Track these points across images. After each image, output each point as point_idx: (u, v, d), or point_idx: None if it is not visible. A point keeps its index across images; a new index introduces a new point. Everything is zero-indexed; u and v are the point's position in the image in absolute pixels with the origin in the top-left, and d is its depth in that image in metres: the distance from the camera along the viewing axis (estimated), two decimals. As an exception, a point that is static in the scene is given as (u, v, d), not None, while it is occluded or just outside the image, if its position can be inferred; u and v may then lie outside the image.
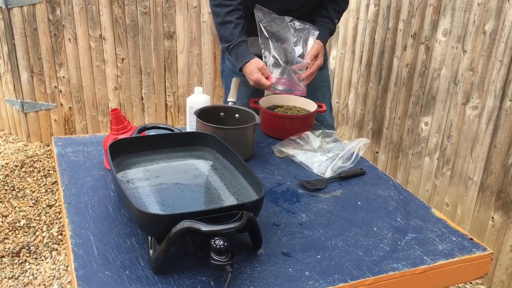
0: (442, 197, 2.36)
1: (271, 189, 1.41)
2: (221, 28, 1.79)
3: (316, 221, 1.26)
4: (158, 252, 1.00)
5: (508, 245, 2.02)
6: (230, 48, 1.79)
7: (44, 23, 3.18)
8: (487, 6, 2.01)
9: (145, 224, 1.02)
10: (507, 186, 1.99)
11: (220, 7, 1.77)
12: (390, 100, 2.65)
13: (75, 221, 1.18)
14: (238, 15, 1.78)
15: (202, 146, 1.38)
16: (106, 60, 3.36)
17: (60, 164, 1.46)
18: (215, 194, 1.20)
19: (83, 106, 3.44)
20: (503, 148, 1.99)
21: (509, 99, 1.95)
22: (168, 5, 3.32)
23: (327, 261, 1.10)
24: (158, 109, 3.58)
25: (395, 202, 1.37)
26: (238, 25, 1.77)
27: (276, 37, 1.81)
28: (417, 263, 1.12)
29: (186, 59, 3.49)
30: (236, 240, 1.13)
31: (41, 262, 2.30)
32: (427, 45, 2.34)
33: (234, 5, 1.77)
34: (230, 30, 1.77)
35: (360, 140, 1.64)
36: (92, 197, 1.29)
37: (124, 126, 1.42)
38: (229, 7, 1.77)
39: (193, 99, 1.67)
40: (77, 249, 1.08)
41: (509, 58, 1.93)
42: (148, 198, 1.15)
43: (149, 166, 1.30)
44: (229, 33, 1.78)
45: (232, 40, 1.77)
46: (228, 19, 1.77)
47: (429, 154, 2.41)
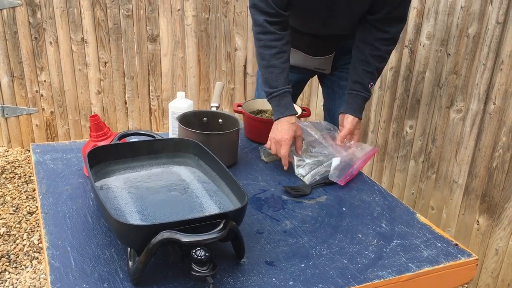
0: (427, 201, 2.36)
1: (255, 195, 1.39)
2: (266, 72, 1.62)
3: (301, 228, 1.24)
4: (138, 264, 0.97)
5: (493, 249, 2.02)
6: (274, 95, 1.61)
7: (24, 26, 3.12)
8: (470, 9, 2.01)
9: (123, 234, 0.99)
10: (492, 190, 2.00)
11: (266, 49, 1.61)
12: (375, 103, 2.64)
13: (52, 232, 1.15)
14: (284, 58, 1.61)
15: (184, 152, 1.35)
16: (89, 64, 3.31)
17: (38, 172, 1.42)
18: (197, 202, 1.17)
19: (65, 111, 3.38)
20: (487, 151, 2.00)
21: (492, 102, 1.95)
22: (152, 8, 3.28)
23: (312, 270, 1.08)
24: (142, 113, 3.53)
25: (380, 207, 1.36)
26: (283, 71, 1.61)
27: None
28: (402, 270, 1.10)
29: (170, 63, 3.45)
30: (218, 249, 1.11)
31: (21, 271, 2.24)
32: (411, 48, 2.34)
33: (279, 47, 1.60)
34: (275, 76, 1.60)
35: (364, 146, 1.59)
36: (71, 206, 1.26)
37: (104, 132, 1.39)
38: (274, 49, 1.60)
39: (176, 104, 1.64)
40: (54, 262, 1.05)
41: (493, 61, 1.94)
42: (128, 207, 1.12)
43: (130, 173, 1.27)
44: (274, 78, 1.60)
45: (277, 88, 1.60)
46: (273, 63, 1.60)
47: (414, 158, 2.41)
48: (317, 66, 1.89)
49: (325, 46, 1.83)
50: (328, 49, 1.84)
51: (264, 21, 1.59)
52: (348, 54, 1.82)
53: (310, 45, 1.81)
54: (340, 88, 1.92)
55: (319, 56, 1.86)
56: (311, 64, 1.89)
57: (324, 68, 1.90)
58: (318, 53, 1.85)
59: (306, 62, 1.89)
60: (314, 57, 1.85)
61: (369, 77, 1.66)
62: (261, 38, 1.60)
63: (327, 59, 1.87)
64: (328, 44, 1.84)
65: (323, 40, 1.82)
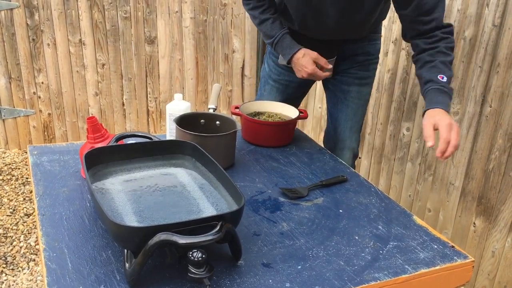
0: (424, 203, 2.37)
1: (252, 197, 1.39)
2: (262, 27, 1.82)
3: (297, 230, 1.24)
4: (134, 266, 0.97)
5: (490, 251, 2.03)
6: (275, 43, 1.78)
7: (22, 28, 3.12)
8: (467, 12, 2.02)
9: (120, 236, 0.99)
10: (488, 192, 2.00)
11: (254, 10, 1.81)
12: (372, 105, 2.65)
13: (49, 234, 1.15)
14: (273, 11, 1.80)
15: (181, 154, 1.35)
16: (86, 66, 3.31)
17: (35, 174, 1.42)
18: (194, 204, 1.17)
19: (62, 112, 3.38)
20: (483, 153, 2.01)
21: (489, 105, 1.96)
22: (149, 10, 3.29)
23: (308, 272, 1.08)
24: (139, 115, 3.53)
25: (376, 209, 1.36)
26: (275, 20, 1.79)
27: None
28: (398, 272, 1.10)
29: (168, 64, 3.46)
30: (215, 251, 1.11)
31: (18, 273, 2.24)
32: (408, 51, 2.35)
33: (266, 4, 1.80)
34: (269, 26, 1.79)
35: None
36: (68, 208, 1.26)
37: (101, 134, 1.39)
38: (262, 7, 1.80)
39: (173, 106, 1.65)
40: (51, 263, 1.05)
41: (489, 64, 1.94)
42: (125, 209, 1.12)
43: (127, 175, 1.27)
44: (269, 28, 1.79)
45: (275, 35, 1.77)
46: (264, 17, 1.79)
47: (411, 160, 2.42)
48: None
49: (327, 50, 1.84)
50: (330, 53, 1.85)
51: None
52: (348, 59, 1.84)
53: (313, 48, 1.82)
54: (342, 93, 1.93)
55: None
56: None
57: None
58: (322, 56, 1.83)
59: None
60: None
61: (435, 71, 1.52)
62: (249, 2, 1.82)
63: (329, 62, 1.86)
64: (330, 48, 1.85)
65: (325, 43, 1.83)
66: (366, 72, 1.92)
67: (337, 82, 1.93)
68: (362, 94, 1.94)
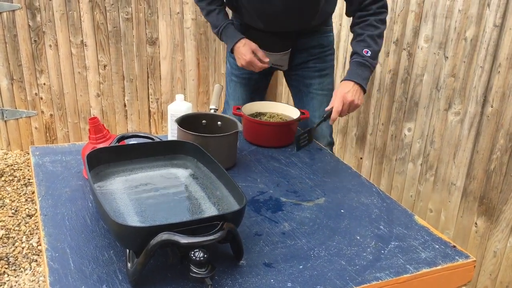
0: (426, 203, 2.37)
1: (254, 197, 1.39)
2: (208, 17, 1.92)
3: (299, 230, 1.24)
4: (136, 265, 0.98)
5: (492, 251, 2.03)
6: (220, 32, 1.89)
7: (24, 29, 3.13)
8: (468, 12, 2.02)
9: (122, 236, 0.99)
10: (490, 192, 2.00)
11: (201, 2, 1.91)
12: (374, 106, 2.65)
13: (52, 234, 1.15)
14: (219, 2, 1.90)
15: (183, 154, 1.36)
16: (88, 67, 3.31)
17: (37, 175, 1.42)
18: (196, 204, 1.18)
19: (64, 114, 3.39)
20: (485, 153, 2.00)
21: (490, 105, 1.96)
22: (151, 11, 3.29)
23: (310, 272, 1.08)
24: (141, 116, 3.54)
25: (378, 209, 1.37)
26: (221, 11, 1.89)
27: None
28: (400, 272, 1.11)
29: (169, 66, 3.46)
30: (217, 251, 1.11)
31: (20, 274, 2.24)
32: (409, 51, 2.35)
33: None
34: (215, 17, 1.89)
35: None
36: (70, 208, 1.26)
37: (103, 135, 1.39)
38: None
39: (175, 107, 1.65)
40: (53, 263, 1.05)
41: (490, 64, 1.94)
42: (127, 209, 1.13)
43: (128, 175, 1.27)
44: (215, 19, 1.89)
45: (220, 25, 1.88)
46: (210, 8, 1.89)
47: (413, 160, 2.42)
48: (274, 62, 1.96)
49: (281, 43, 1.91)
50: (283, 46, 1.92)
51: None
52: (304, 52, 1.92)
53: (266, 41, 1.90)
54: (305, 86, 2.00)
55: (275, 52, 1.93)
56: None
57: (281, 65, 1.97)
58: (274, 49, 1.92)
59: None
60: (270, 53, 1.92)
61: (361, 45, 1.70)
62: None
63: (283, 56, 1.94)
64: (283, 41, 1.91)
65: (278, 36, 1.89)
66: (324, 63, 1.99)
67: (299, 78, 2.00)
68: (324, 84, 2.02)
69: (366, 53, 1.69)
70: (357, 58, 1.70)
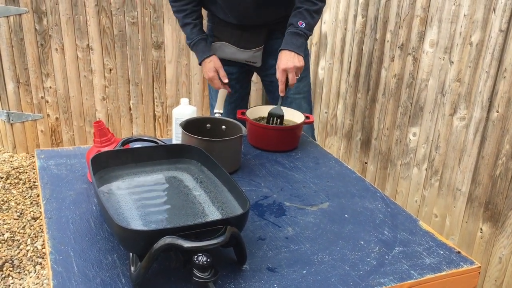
0: (430, 208, 2.35)
1: (257, 202, 1.39)
2: (183, 29, 2.02)
3: (303, 235, 1.24)
4: (140, 269, 0.98)
5: (497, 257, 2.02)
6: (192, 45, 2.00)
7: (30, 33, 3.15)
8: (473, 17, 2.02)
9: (126, 240, 0.99)
10: (495, 197, 1.99)
11: (178, 13, 2.00)
12: (378, 110, 2.64)
13: (56, 237, 1.15)
14: (195, 16, 1.99)
15: (187, 158, 1.36)
16: (94, 70, 3.33)
17: (42, 178, 1.43)
18: (200, 208, 1.18)
19: (70, 117, 3.40)
20: (490, 159, 1.99)
21: (496, 110, 1.95)
22: (156, 16, 3.31)
23: (313, 277, 1.08)
24: (146, 119, 3.55)
25: (382, 214, 1.36)
26: (196, 25, 1.98)
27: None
28: (404, 277, 1.10)
29: (175, 69, 3.47)
30: (220, 255, 1.11)
31: (24, 277, 2.25)
32: (415, 56, 2.35)
33: (190, 9, 1.97)
34: (190, 30, 1.99)
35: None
36: (74, 211, 1.26)
37: (107, 138, 1.40)
38: (185, 12, 1.97)
39: (179, 111, 1.65)
40: (57, 266, 1.05)
41: (496, 69, 1.94)
42: (131, 212, 1.13)
43: (133, 179, 1.28)
44: (189, 32, 1.99)
45: (193, 39, 1.98)
46: (186, 21, 1.98)
47: (418, 165, 2.41)
48: (248, 59, 2.05)
49: (253, 39, 2.01)
50: (255, 42, 2.02)
51: None
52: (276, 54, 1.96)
53: (238, 38, 2.01)
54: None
55: (248, 49, 2.02)
56: (241, 57, 2.05)
57: (254, 61, 2.06)
58: (247, 45, 2.02)
59: (236, 55, 2.05)
60: (243, 50, 2.02)
61: (297, 18, 1.85)
62: (174, 5, 1.99)
63: (256, 52, 2.03)
64: (255, 37, 2.01)
65: (249, 31, 1.98)
66: None
67: (275, 84, 2.00)
68: (300, 88, 2.08)
69: (300, 24, 1.84)
70: (292, 29, 1.85)
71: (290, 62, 1.80)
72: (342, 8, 2.88)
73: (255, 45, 2.02)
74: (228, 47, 2.03)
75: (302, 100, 2.12)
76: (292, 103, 2.06)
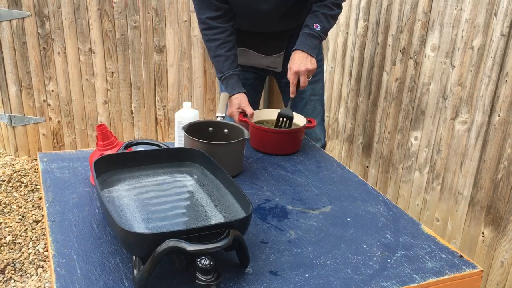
0: (432, 212, 2.35)
1: (260, 205, 1.39)
2: (214, 61, 1.90)
3: (305, 238, 1.24)
4: (143, 272, 0.98)
5: (499, 261, 2.01)
6: (222, 79, 1.90)
7: (33, 36, 3.16)
8: (475, 21, 2.02)
9: (129, 243, 1.00)
10: (497, 201, 1.99)
11: (210, 42, 1.87)
12: (380, 114, 2.65)
13: (59, 240, 1.16)
14: (228, 47, 1.86)
15: (189, 162, 1.36)
16: (96, 74, 3.34)
17: (44, 181, 1.43)
18: (202, 211, 1.18)
19: (72, 120, 3.41)
20: (492, 163, 2.00)
21: (497, 114, 1.95)
22: (159, 19, 3.32)
23: (316, 280, 1.08)
24: (148, 123, 3.56)
25: (384, 218, 1.36)
26: (228, 58, 1.86)
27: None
28: (406, 281, 1.10)
29: (177, 73, 3.48)
30: (223, 258, 1.11)
31: (26, 280, 2.25)
32: (416, 60, 2.35)
33: (223, 39, 1.85)
34: (221, 63, 1.87)
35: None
36: (77, 214, 1.27)
37: (110, 141, 1.40)
38: (218, 41, 1.85)
39: (182, 114, 1.66)
40: (60, 269, 1.05)
41: (497, 73, 1.94)
42: (134, 215, 1.13)
43: (135, 182, 1.28)
44: (220, 65, 1.88)
45: (224, 72, 1.87)
46: (218, 53, 1.86)
47: (419, 169, 2.41)
48: (269, 64, 2.03)
49: (274, 45, 1.98)
50: (277, 48, 1.99)
51: (207, 18, 1.82)
52: None
53: (259, 44, 1.98)
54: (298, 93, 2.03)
55: (270, 55, 2.00)
56: (263, 63, 2.03)
57: (275, 67, 2.04)
58: (268, 51, 2.00)
59: (258, 61, 2.02)
60: (265, 56, 2.00)
61: (313, 20, 1.83)
62: (206, 33, 1.86)
63: (277, 58, 2.01)
64: (276, 43, 1.98)
65: (271, 38, 1.96)
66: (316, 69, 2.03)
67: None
68: (316, 90, 2.08)
69: (316, 27, 1.81)
70: (307, 30, 1.82)
71: (302, 64, 1.78)
72: (343, 12, 2.89)
73: (277, 51, 2.00)
74: (250, 53, 2.01)
75: (317, 102, 2.11)
76: (308, 105, 2.06)
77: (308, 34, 1.82)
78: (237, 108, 1.85)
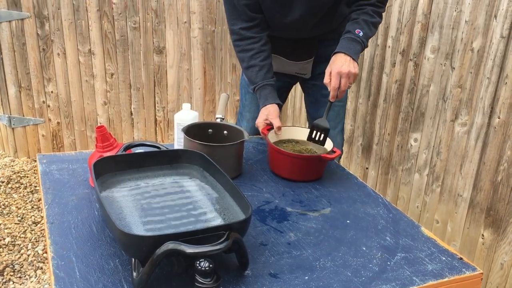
0: (432, 214, 2.35)
1: (259, 207, 1.39)
2: (247, 72, 1.82)
3: (305, 241, 1.24)
4: (142, 275, 0.98)
5: (499, 263, 2.01)
6: (256, 89, 1.81)
7: (32, 38, 3.16)
8: (475, 23, 2.02)
9: (128, 245, 0.99)
10: (497, 203, 1.99)
11: (244, 52, 1.79)
12: (380, 116, 2.65)
13: (58, 242, 1.15)
14: (262, 57, 1.78)
15: (189, 163, 1.36)
16: (95, 75, 3.34)
17: (44, 182, 1.43)
18: (202, 213, 1.18)
19: (71, 121, 3.41)
20: (492, 165, 1.99)
21: (497, 116, 1.95)
22: (158, 21, 3.32)
23: (315, 283, 1.08)
24: (147, 124, 3.55)
25: (384, 220, 1.36)
26: (262, 68, 1.78)
27: None
28: (406, 284, 1.10)
29: (176, 74, 3.48)
30: (222, 261, 1.11)
31: (25, 281, 2.25)
32: (416, 61, 2.35)
33: (257, 48, 1.77)
34: (255, 74, 1.79)
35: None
36: (76, 216, 1.26)
37: (110, 143, 1.40)
38: (252, 51, 1.77)
39: (181, 116, 1.66)
40: (59, 271, 1.05)
41: (497, 75, 1.94)
42: (133, 217, 1.13)
43: (135, 184, 1.28)
44: (254, 76, 1.79)
45: (257, 83, 1.79)
46: (252, 63, 1.78)
47: (419, 171, 2.41)
48: (298, 71, 1.97)
49: (304, 51, 1.92)
50: (307, 54, 1.93)
51: (240, 29, 1.75)
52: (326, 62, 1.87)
53: (289, 50, 1.91)
54: (323, 97, 1.99)
55: (299, 61, 1.94)
56: (292, 69, 1.97)
57: (304, 73, 1.98)
58: (298, 58, 1.93)
59: (287, 67, 1.96)
60: (294, 62, 1.93)
61: (355, 26, 1.71)
62: (239, 44, 1.78)
63: (306, 64, 1.95)
64: (306, 49, 1.92)
65: (301, 44, 1.90)
66: None
67: (317, 87, 1.99)
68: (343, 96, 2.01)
69: (358, 32, 1.69)
70: (349, 35, 1.70)
71: (345, 66, 1.63)
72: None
73: (306, 57, 1.93)
74: (279, 59, 1.94)
75: (341, 109, 2.04)
76: (331, 110, 1.91)
77: (351, 38, 1.69)
78: (264, 120, 1.73)
